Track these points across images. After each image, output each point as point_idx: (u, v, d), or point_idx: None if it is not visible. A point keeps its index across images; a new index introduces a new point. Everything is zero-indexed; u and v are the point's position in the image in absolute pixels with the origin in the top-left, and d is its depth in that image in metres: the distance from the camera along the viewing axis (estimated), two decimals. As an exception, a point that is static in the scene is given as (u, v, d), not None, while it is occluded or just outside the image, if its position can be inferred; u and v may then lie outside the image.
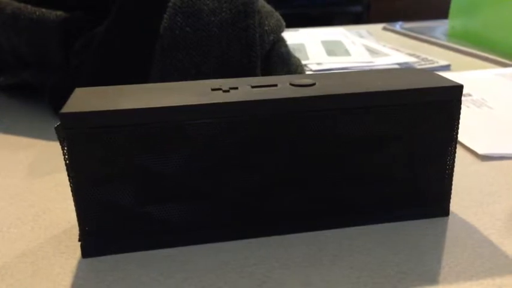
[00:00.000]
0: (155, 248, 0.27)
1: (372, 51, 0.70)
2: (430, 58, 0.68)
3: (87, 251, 0.26)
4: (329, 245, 0.27)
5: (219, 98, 0.26)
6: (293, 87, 0.27)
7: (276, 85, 0.28)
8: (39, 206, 0.31)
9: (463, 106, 0.48)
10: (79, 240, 0.26)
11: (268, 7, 0.47)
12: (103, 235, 0.26)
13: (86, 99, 0.26)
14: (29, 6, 0.46)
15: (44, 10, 0.46)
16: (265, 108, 0.25)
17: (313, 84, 0.27)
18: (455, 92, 0.27)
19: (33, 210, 0.31)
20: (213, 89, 0.27)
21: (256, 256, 0.26)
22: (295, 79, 0.28)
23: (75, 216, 0.25)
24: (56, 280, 0.24)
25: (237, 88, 0.27)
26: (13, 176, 0.36)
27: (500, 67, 0.64)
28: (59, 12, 0.45)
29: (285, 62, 0.47)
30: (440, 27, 0.93)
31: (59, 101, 0.46)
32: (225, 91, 0.27)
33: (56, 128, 0.24)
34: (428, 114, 0.27)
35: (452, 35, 0.85)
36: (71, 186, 0.25)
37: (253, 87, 0.27)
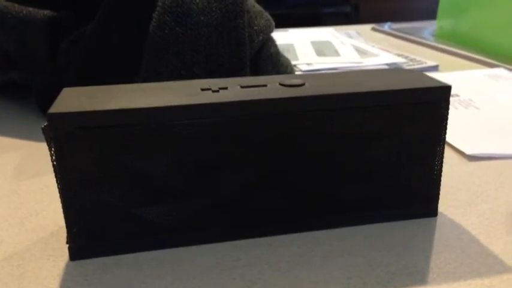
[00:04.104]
0: (144, 250, 0.26)
1: (361, 52, 0.71)
2: (418, 59, 0.68)
3: (75, 254, 0.26)
4: (319, 246, 0.27)
5: (209, 98, 0.25)
6: (283, 88, 0.27)
7: (265, 85, 0.27)
8: (26, 208, 0.31)
9: (450, 107, 0.48)
10: (67, 243, 0.26)
11: (257, 7, 0.47)
12: (91, 237, 0.26)
13: (73, 99, 0.25)
14: (16, 5, 0.45)
15: (31, 9, 0.45)
16: (254, 109, 0.25)
17: (303, 85, 0.27)
18: (443, 92, 0.27)
19: (20, 212, 0.31)
20: (202, 89, 0.27)
21: (246, 257, 0.26)
22: (285, 79, 0.28)
23: (63, 218, 0.25)
24: (43, 283, 0.24)
25: (226, 88, 0.27)
26: (-1, 177, 0.35)
27: (487, 68, 0.65)
28: (46, 11, 0.45)
29: (274, 62, 0.46)
30: (428, 28, 0.94)
31: (46, 100, 0.45)
32: (214, 91, 0.26)
33: (43, 129, 0.24)
34: (417, 114, 0.27)
35: (440, 36, 0.85)
36: (58, 187, 0.25)
37: (242, 87, 0.27)
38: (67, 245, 0.26)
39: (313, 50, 0.71)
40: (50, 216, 0.30)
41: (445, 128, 0.28)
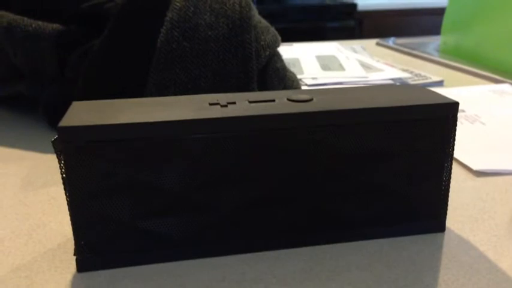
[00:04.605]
0: (151, 263, 0.26)
1: (366, 66, 0.71)
2: (423, 74, 0.68)
3: (83, 266, 0.26)
4: (326, 260, 0.27)
5: (217, 113, 0.26)
6: (291, 103, 0.27)
7: (273, 100, 0.28)
8: (33, 220, 0.31)
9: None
10: (74, 255, 0.26)
11: (264, 22, 0.47)
12: (99, 249, 0.26)
13: (83, 113, 0.25)
14: (25, 19, 0.46)
15: (40, 23, 0.46)
16: (263, 124, 0.25)
17: (311, 100, 0.28)
18: (451, 108, 0.28)
19: (27, 223, 0.31)
20: (210, 104, 0.27)
21: (253, 271, 0.26)
22: (293, 94, 0.28)
23: (71, 230, 0.25)
24: (50, 295, 0.24)
25: (234, 103, 0.27)
26: (6, 188, 0.35)
27: (492, 83, 0.65)
28: (54, 26, 0.45)
29: (281, 76, 0.47)
30: (432, 43, 0.94)
31: (53, 113, 0.46)
32: (222, 106, 0.27)
33: (53, 142, 0.24)
34: (425, 130, 0.27)
35: (444, 51, 0.86)
36: (67, 200, 0.25)
37: (250, 102, 0.27)
38: (74, 257, 0.26)
39: (318, 65, 0.72)
40: (57, 227, 0.30)
41: (453, 144, 0.28)
